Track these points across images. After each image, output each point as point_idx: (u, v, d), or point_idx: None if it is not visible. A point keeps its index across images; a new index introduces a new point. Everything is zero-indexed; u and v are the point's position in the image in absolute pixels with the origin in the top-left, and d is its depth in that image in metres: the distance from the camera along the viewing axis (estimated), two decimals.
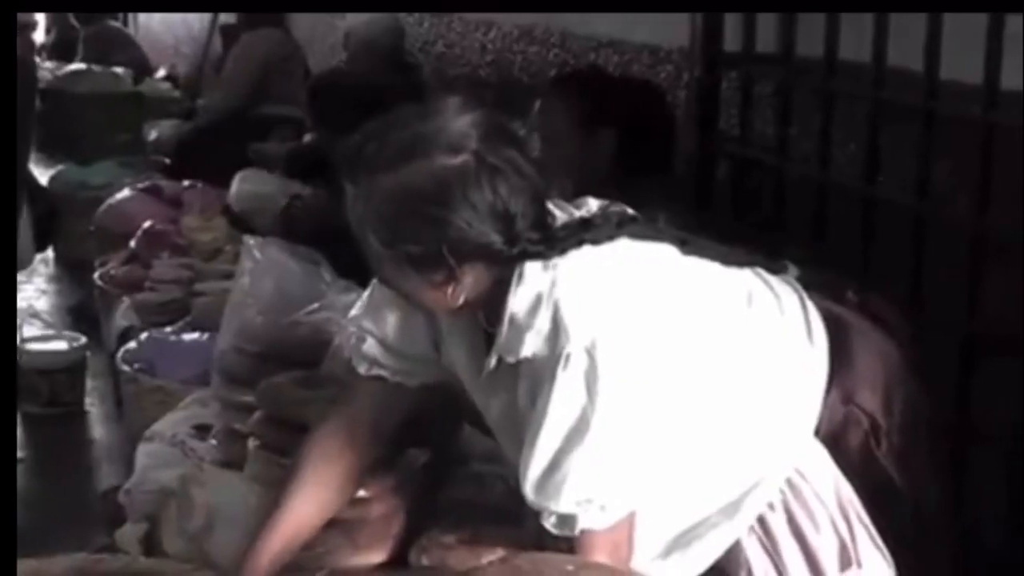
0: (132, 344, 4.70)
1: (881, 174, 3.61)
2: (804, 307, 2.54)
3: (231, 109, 7.55)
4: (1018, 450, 3.08)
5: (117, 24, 12.76)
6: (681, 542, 2.46)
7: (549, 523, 2.32)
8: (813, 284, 2.60)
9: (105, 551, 3.44)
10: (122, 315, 5.34)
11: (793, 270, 2.61)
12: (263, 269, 3.59)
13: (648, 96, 3.99)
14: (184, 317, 4.88)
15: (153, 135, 8.93)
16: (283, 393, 3.01)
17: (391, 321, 2.59)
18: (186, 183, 6.80)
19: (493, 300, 2.35)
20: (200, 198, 6.50)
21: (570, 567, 2.18)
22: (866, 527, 2.51)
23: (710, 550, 2.48)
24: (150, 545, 3.34)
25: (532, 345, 2.29)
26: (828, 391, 2.51)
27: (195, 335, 4.62)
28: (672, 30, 4.52)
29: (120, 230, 6.24)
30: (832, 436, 2.52)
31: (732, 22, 4.21)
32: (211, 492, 3.21)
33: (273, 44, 7.62)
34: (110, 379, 5.46)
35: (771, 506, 2.48)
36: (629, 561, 2.37)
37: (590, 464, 2.26)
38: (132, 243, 5.91)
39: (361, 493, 2.77)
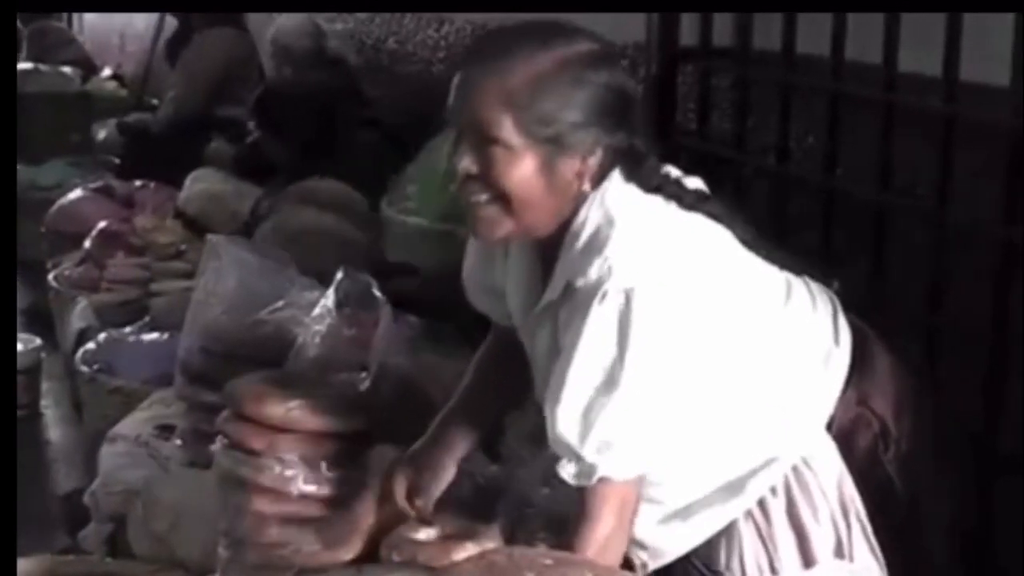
0: (91, 345, 4.68)
1: (840, 166, 3.62)
2: (835, 312, 2.61)
3: (189, 111, 7.43)
4: (983, 441, 3.10)
5: (59, 23, 12.67)
6: (682, 514, 2.50)
7: (568, 472, 2.35)
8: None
9: (68, 553, 3.44)
10: (78, 316, 5.32)
11: (836, 285, 2.67)
12: (226, 267, 3.58)
13: None
14: (142, 317, 4.87)
15: (101, 135, 8.87)
16: (251, 392, 3.00)
17: (483, 266, 2.67)
18: (138, 183, 6.77)
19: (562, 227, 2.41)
20: (152, 198, 6.49)
21: (547, 561, 2.18)
22: (863, 527, 2.55)
23: (708, 525, 2.52)
24: (115, 546, 3.34)
25: (598, 269, 2.31)
26: (845, 389, 2.56)
27: (154, 335, 4.61)
28: (628, 25, 4.52)
29: (73, 231, 6.21)
30: (843, 433, 2.56)
31: (688, 16, 4.22)
32: (177, 492, 3.21)
33: (233, 46, 7.49)
34: (66, 381, 5.44)
35: (773, 490, 2.52)
36: (631, 525, 2.40)
37: (617, 407, 2.29)
38: (86, 244, 5.87)
39: (330, 490, 2.77)
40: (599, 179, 2.38)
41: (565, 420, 2.32)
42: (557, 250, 2.41)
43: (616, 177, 2.39)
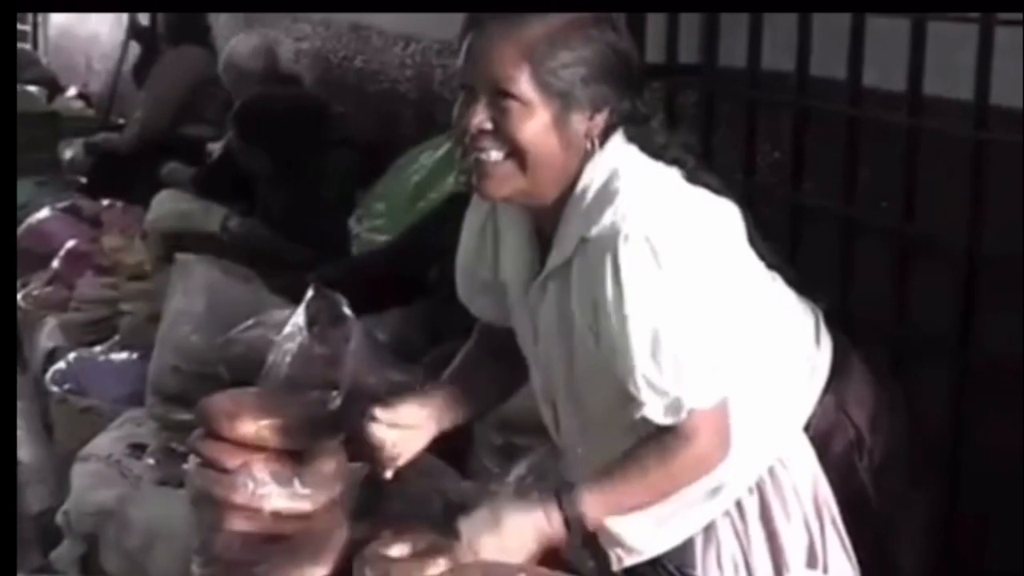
0: (60, 364, 4.67)
1: (806, 180, 3.65)
2: (817, 319, 2.65)
3: (155, 130, 7.42)
4: (947, 452, 3.13)
5: (22, 44, 12.62)
6: (664, 514, 2.51)
7: (656, 412, 2.38)
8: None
9: (41, 572, 3.44)
10: (47, 336, 5.31)
11: (823, 304, 2.71)
12: (196, 287, 3.59)
13: None
14: (111, 336, 4.86)
15: (68, 154, 8.85)
16: (223, 410, 3.00)
17: (474, 258, 2.70)
18: (105, 203, 6.76)
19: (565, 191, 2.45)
20: (119, 218, 6.48)
21: (521, 574, 2.19)
22: (838, 530, 2.58)
23: (687, 526, 2.54)
24: (87, 565, 3.33)
25: (612, 215, 2.35)
26: (824, 395, 2.59)
27: (124, 354, 4.60)
28: None
29: (41, 250, 6.20)
30: (821, 436, 2.59)
31: (654, 33, 4.23)
32: (150, 511, 3.21)
33: (199, 66, 7.47)
34: (36, 401, 5.41)
35: (750, 490, 2.55)
36: (728, 451, 2.43)
37: (681, 329, 2.33)
38: (54, 263, 5.87)
39: (303, 507, 2.78)
40: (603, 140, 2.44)
41: (641, 357, 2.34)
42: (555, 219, 2.46)
43: (618, 137, 2.45)
